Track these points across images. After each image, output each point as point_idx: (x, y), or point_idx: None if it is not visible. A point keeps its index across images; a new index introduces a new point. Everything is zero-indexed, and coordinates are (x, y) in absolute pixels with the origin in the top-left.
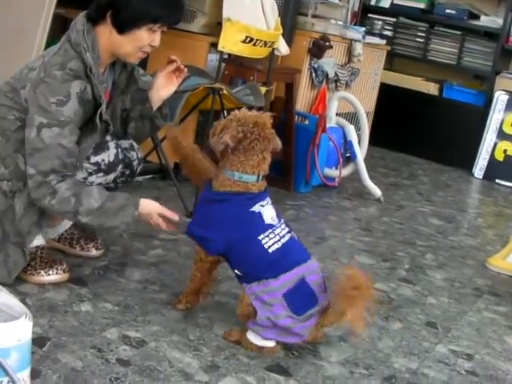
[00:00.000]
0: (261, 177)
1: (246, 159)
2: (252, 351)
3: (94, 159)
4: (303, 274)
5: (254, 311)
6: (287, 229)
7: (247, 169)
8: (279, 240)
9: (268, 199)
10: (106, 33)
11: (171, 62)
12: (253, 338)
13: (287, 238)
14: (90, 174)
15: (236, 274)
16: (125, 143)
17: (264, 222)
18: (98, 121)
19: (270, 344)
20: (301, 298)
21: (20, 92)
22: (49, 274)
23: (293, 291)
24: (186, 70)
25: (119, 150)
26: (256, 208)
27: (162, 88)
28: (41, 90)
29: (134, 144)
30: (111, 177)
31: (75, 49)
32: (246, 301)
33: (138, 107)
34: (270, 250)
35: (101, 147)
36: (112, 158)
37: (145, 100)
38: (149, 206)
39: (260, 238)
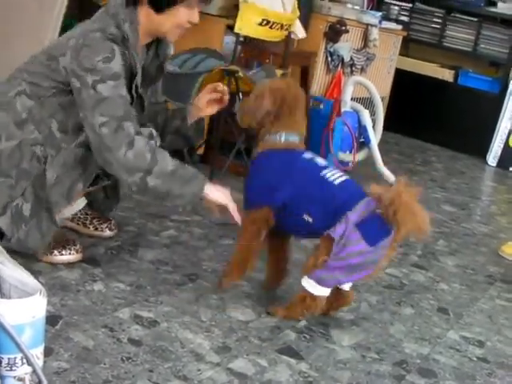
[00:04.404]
0: (302, 138)
1: (290, 120)
2: (303, 316)
3: None
4: (374, 206)
5: (323, 261)
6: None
7: (293, 127)
8: (340, 176)
9: None
10: (143, 15)
11: (216, 90)
12: (309, 286)
13: (346, 177)
14: None
15: (305, 221)
16: (144, 131)
17: (320, 163)
18: (134, 93)
19: (325, 293)
20: (375, 229)
21: (59, 59)
22: (62, 254)
23: (366, 221)
24: (227, 102)
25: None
26: (307, 156)
27: (201, 109)
28: (84, 54)
29: (153, 132)
30: None
31: (113, 18)
32: (325, 247)
33: (176, 122)
34: (336, 182)
35: None
36: None
37: (183, 117)
38: (216, 187)
39: (322, 174)
